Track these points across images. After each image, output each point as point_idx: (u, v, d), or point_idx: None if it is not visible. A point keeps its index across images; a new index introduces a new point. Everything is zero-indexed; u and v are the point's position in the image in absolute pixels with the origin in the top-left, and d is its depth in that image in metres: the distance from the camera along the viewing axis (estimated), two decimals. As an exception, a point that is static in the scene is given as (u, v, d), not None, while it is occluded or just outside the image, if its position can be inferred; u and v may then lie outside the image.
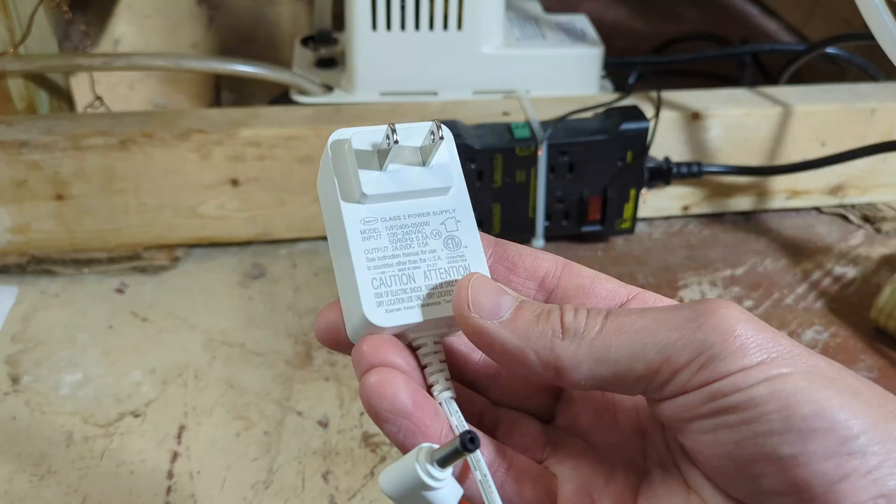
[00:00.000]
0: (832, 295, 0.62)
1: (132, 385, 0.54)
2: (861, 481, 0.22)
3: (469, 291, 0.25)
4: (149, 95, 0.82)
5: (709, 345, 0.23)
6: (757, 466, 0.23)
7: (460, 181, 0.28)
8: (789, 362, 0.23)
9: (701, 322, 0.23)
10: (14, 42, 0.61)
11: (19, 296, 0.60)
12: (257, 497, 0.47)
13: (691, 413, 0.24)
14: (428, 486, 0.24)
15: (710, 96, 0.66)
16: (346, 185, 0.27)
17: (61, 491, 0.47)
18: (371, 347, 0.26)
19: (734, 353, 0.23)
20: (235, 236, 0.64)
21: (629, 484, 0.27)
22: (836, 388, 0.23)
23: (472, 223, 0.28)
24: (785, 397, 0.22)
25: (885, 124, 0.66)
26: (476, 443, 0.23)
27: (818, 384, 0.23)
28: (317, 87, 0.67)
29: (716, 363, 0.23)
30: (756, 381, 0.22)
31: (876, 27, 0.52)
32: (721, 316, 0.23)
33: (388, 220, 0.27)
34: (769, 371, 0.22)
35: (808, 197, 0.69)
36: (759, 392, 0.22)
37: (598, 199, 0.63)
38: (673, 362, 0.23)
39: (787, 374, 0.22)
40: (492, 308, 0.25)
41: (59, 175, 0.59)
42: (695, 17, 1.00)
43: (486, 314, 0.25)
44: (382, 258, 0.26)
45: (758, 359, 0.23)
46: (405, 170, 0.27)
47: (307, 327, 0.58)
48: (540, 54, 0.67)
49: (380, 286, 0.26)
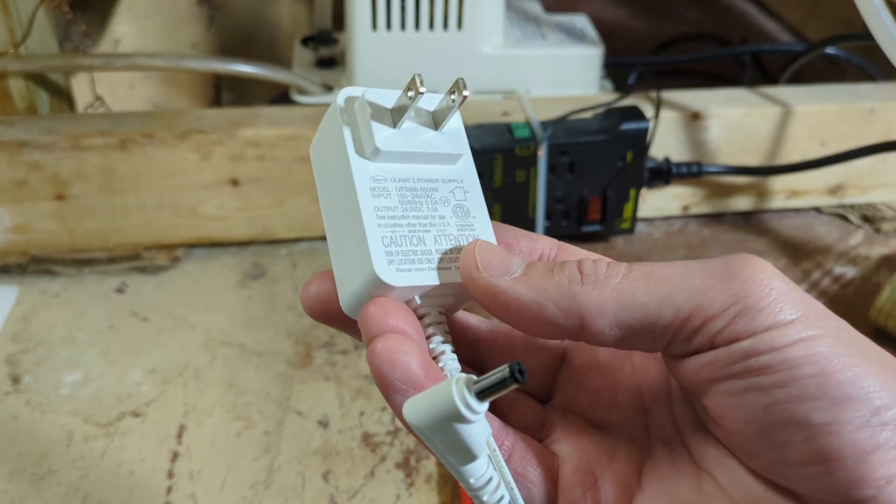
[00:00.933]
0: (832, 295, 0.62)
1: (132, 385, 0.54)
2: (892, 452, 0.21)
3: (477, 253, 0.24)
4: (149, 95, 0.82)
5: (744, 294, 0.22)
6: (785, 433, 0.22)
7: (468, 152, 0.28)
8: (822, 324, 0.22)
9: (736, 271, 0.22)
10: (15, 42, 0.61)
11: (20, 296, 0.60)
12: (257, 497, 0.47)
13: (720, 372, 0.22)
14: (463, 419, 0.22)
15: (710, 96, 0.66)
16: (357, 140, 0.26)
17: (62, 490, 0.47)
18: (380, 310, 0.24)
19: (770, 305, 0.22)
20: (235, 236, 0.64)
21: (632, 462, 0.26)
22: (866, 356, 0.22)
23: (480, 195, 0.27)
24: (821, 361, 0.21)
25: (885, 124, 0.66)
26: (525, 375, 0.21)
27: (852, 350, 0.22)
28: (317, 87, 0.67)
29: (751, 315, 0.22)
30: (792, 340, 0.21)
31: (875, 28, 0.53)
32: (756, 268, 0.22)
33: (398, 180, 0.26)
34: (804, 331, 0.22)
35: (807, 197, 0.69)
36: (796, 353, 0.21)
37: (598, 199, 0.63)
38: (705, 309, 0.22)
39: (821, 336, 0.22)
40: (501, 266, 0.24)
41: (60, 175, 0.59)
42: (695, 17, 1.00)
43: (496, 272, 0.24)
44: (392, 217, 0.25)
45: (793, 315, 0.22)
46: (419, 129, 0.27)
47: (307, 327, 0.58)
48: (540, 54, 0.67)
49: (390, 244, 0.25)
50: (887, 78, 0.73)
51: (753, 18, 1.01)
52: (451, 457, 0.23)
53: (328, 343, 0.57)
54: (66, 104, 0.69)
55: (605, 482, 0.26)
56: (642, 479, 0.26)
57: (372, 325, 0.24)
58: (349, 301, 0.25)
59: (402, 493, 0.47)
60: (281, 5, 0.93)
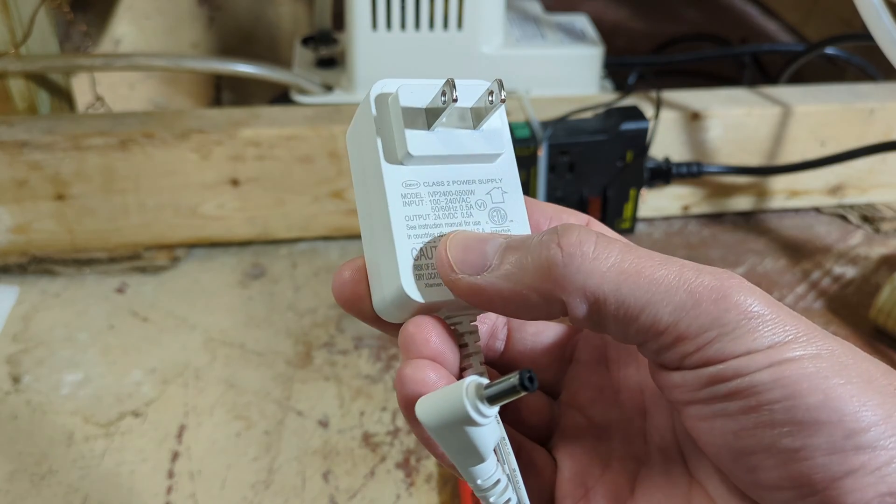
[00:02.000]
0: (831, 295, 0.62)
1: (133, 385, 0.54)
2: (868, 478, 0.20)
3: (448, 252, 0.24)
4: (149, 95, 0.82)
5: (723, 321, 0.21)
6: (755, 458, 0.21)
7: (510, 150, 0.26)
8: (802, 346, 0.21)
9: (723, 294, 0.22)
10: (15, 42, 0.61)
11: (20, 296, 0.60)
12: (257, 497, 0.47)
13: (689, 396, 0.22)
14: (473, 422, 0.22)
15: (710, 96, 0.66)
16: (389, 143, 0.25)
17: (62, 490, 0.47)
18: (419, 332, 0.24)
19: (746, 334, 0.21)
20: (235, 236, 0.64)
21: (626, 471, 0.26)
22: (848, 375, 0.21)
23: (520, 196, 0.26)
24: (790, 385, 0.21)
25: (884, 124, 0.66)
26: (535, 383, 0.21)
27: (829, 370, 0.21)
28: (317, 87, 0.67)
29: (723, 342, 0.21)
30: (760, 366, 0.21)
31: (875, 28, 0.53)
32: (743, 293, 0.22)
33: (432, 184, 0.25)
34: (777, 356, 0.21)
35: (807, 197, 0.69)
36: (763, 378, 0.21)
37: (598, 199, 0.63)
38: (681, 329, 0.22)
39: (796, 358, 0.21)
40: (477, 260, 0.23)
41: (60, 175, 0.59)
42: (695, 17, 1.00)
43: (473, 269, 0.23)
44: (423, 226, 0.24)
45: (768, 342, 0.21)
46: (455, 131, 0.25)
47: (307, 327, 0.58)
48: (540, 54, 0.67)
49: (420, 258, 0.24)
50: (887, 78, 0.73)
51: (753, 18, 1.01)
52: (461, 457, 0.23)
53: (328, 343, 0.57)
54: (67, 104, 0.69)
55: (596, 493, 0.26)
56: (636, 489, 0.25)
57: (411, 347, 0.24)
58: (380, 305, 0.25)
59: (402, 493, 0.47)
60: (281, 5, 0.93)
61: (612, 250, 0.22)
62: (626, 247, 0.23)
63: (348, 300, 0.26)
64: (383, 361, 0.55)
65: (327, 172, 0.62)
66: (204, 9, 0.92)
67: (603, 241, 0.23)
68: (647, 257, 0.22)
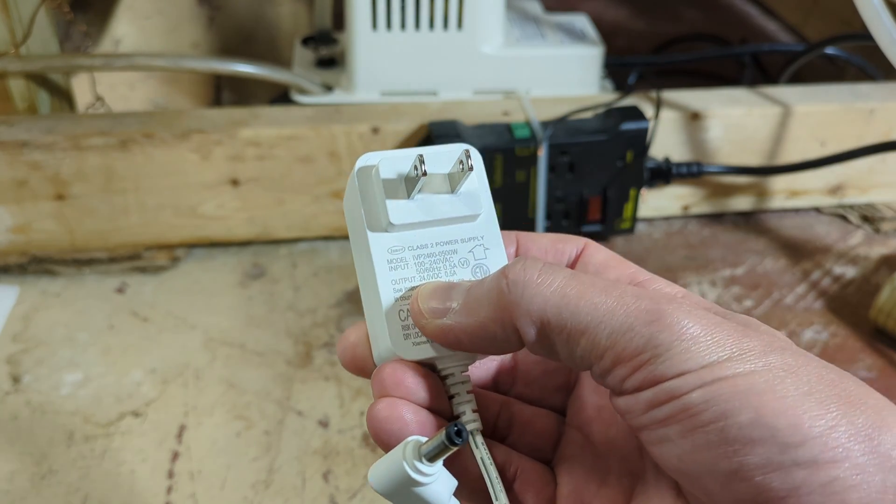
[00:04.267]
0: (831, 295, 0.62)
1: (133, 385, 0.54)
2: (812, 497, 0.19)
3: (419, 303, 0.25)
4: (149, 95, 0.82)
5: (656, 343, 0.21)
6: (704, 481, 0.21)
7: (489, 207, 0.28)
8: (736, 363, 0.21)
9: (659, 315, 0.21)
10: (15, 42, 0.61)
11: (20, 296, 0.60)
12: (258, 497, 0.47)
13: (635, 421, 0.22)
14: (416, 482, 0.24)
15: (710, 96, 0.66)
16: (373, 213, 0.27)
17: (62, 490, 0.47)
18: (389, 375, 0.25)
19: (678, 355, 0.21)
20: (235, 236, 0.64)
21: (622, 488, 0.26)
22: (784, 388, 0.20)
23: (502, 251, 0.28)
24: (721, 404, 0.20)
25: (885, 124, 0.66)
26: (463, 436, 0.23)
27: (763, 385, 0.20)
28: (317, 87, 0.67)
29: (655, 364, 0.21)
30: (692, 386, 0.20)
31: (875, 28, 0.53)
32: (680, 315, 0.21)
33: (416, 248, 0.27)
34: (709, 375, 0.20)
35: (807, 197, 0.69)
36: (694, 399, 0.20)
37: (598, 199, 0.63)
38: (618, 352, 0.22)
39: (728, 376, 0.20)
40: (442, 305, 0.25)
41: (60, 175, 0.59)
42: (695, 17, 1.00)
43: (439, 313, 0.25)
44: (410, 289, 0.26)
45: (702, 362, 0.21)
46: (433, 197, 0.27)
47: (307, 327, 0.58)
48: (540, 54, 0.67)
49: (406, 318, 0.26)
50: (887, 78, 0.73)
51: (753, 18, 1.01)
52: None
53: (328, 343, 0.57)
54: (67, 104, 0.69)
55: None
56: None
57: (376, 387, 0.26)
58: (378, 363, 0.27)
59: (402, 493, 0.47)
60: (281, 5, 0.93)
61: (556, 277, 0.23)
62: (571, 274, 0.23)
63: (351, 362, 0.28)
64: (383, 361, 0.55)
65: (327, 172, 0.62)
66: (204, 9, 0.92)
67: (548, 268, 0.23)
68: (590, 284, 0.23)
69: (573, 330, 0.22)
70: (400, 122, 0.61)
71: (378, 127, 0.61)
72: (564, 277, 0.23)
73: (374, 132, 0.61)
